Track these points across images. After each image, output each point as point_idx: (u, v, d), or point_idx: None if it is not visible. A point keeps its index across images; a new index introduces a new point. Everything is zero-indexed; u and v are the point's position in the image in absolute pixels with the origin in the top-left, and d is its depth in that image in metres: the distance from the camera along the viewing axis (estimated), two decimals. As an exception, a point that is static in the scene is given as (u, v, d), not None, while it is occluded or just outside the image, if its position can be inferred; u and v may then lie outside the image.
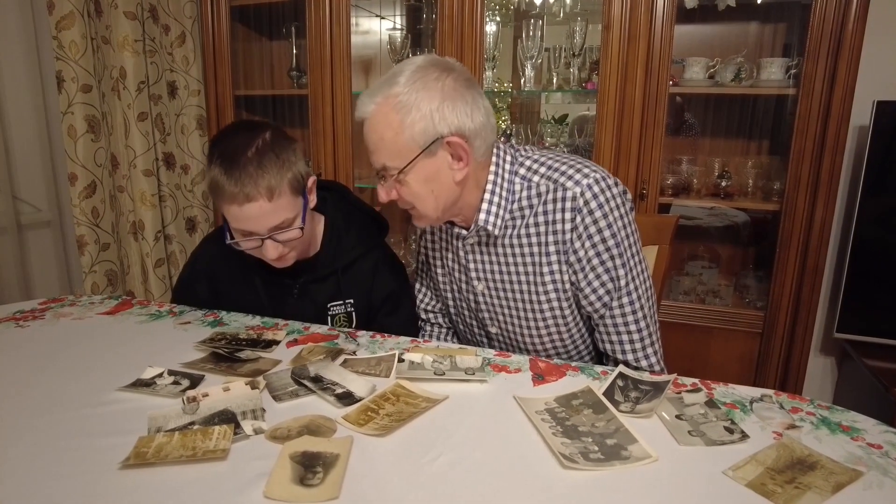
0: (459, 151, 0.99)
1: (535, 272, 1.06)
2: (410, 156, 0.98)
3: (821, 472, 0.69)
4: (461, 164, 1.01)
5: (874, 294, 1.74)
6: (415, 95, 0.95)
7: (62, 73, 2.11)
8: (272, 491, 0.65)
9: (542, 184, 1.03)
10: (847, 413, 0.84)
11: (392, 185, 1.03)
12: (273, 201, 1.05)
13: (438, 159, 0.99)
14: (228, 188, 1.03)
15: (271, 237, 1.08)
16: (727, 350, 1.82)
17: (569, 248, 1.02)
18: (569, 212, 1.00)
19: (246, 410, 0.83)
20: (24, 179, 2.52)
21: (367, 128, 1.00)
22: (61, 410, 0.84)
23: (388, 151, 0.99)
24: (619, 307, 1.03)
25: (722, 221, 2.02)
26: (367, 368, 0.97)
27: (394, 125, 0.96)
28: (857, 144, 1.83)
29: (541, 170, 1.04)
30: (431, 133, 0.97)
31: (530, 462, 0.73)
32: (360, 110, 1.01)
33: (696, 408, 0.85)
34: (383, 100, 0.97)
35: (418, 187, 1.01)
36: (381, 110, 0.97)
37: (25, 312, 1.24)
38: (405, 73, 0.97)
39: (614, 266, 1.01)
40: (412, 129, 0.96)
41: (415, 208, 1.05)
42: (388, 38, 2.06)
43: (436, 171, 1.00)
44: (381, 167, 1.01)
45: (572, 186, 0.99)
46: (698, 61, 1.76)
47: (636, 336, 1.05)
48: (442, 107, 0.96)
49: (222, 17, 2.19)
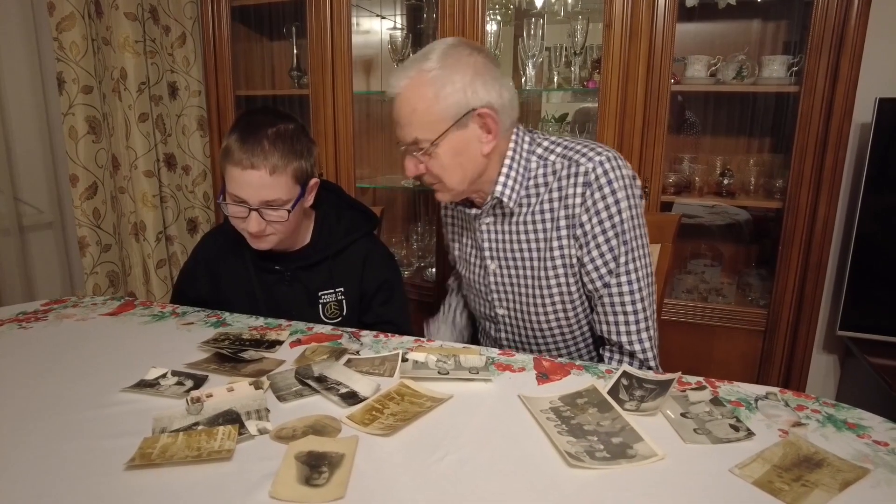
0: (489, 123, 1.03)
1: (546, 247, 1.09)
2: (442, 128, 1.02)
3: (828, 470, 0.69)
4: (490, 137, 1.05)
5: (877, 291, 1.74)
6: (448, 70, 1.00)
7: (63, 74, 2.11)
8: (278, 491, 0.65)
9: (558, 162, 1.07)
10: (853, 410, 0.84)
11: (421, 158, 1.05)
12: (273, 177, 1.11)
13: (469, 132, 1.03)
14: (237, 153, 1.10)
15: (259, 210, 1.14)
16: (730, 348, 1.82)
17: (576, 221, 1.05)
18: (580, 186, 1.04)
19: (250, 411, 0.83)
20: (25, 181, 2.52)
21: (399, 102, 1.03)
22: (65, 412, 0.84)
23: (420, 124, 1.02)
24: (618, 286, 1.06)
25: (724, 219, 2.02)
26: (371, 368, 0.97)
27: (427, 97, 1.00)
28: (860, 141, 1.83)
29: (557, 149, 1.09)
30: (464, 105, 1.01)
31: (536, 461, 0.72)
32: (392, 86, 1.04)
33: (701, 406, 0.85)
34: (416, 74, 1.01)
35: (448, 159, 1.04)
36: (414, 84, 1.01)
37: (28, 314, 1.24)
38: (436, 50, 1.02)
39: (617, 244, 1.04)
40: (446, 101, 1.00)
41: (441, 182, 1.08)
42: (389, 37, 2.06)
43: (465, 144, 1.04)
44: (412, 140, 1.04)
45: (585, 162, 1.04)
46: (700, 59, 1.75)
47: (632, 318, 1.06)
48: (474, 81, 1.01)
49: (223, 17, 2.19)
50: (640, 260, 1.06)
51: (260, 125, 1.13)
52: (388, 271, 1.34)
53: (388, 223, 2.33)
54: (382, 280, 1.33)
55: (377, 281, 1.32)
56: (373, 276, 1.32)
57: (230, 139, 1.13)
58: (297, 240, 1.31)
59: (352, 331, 1.15)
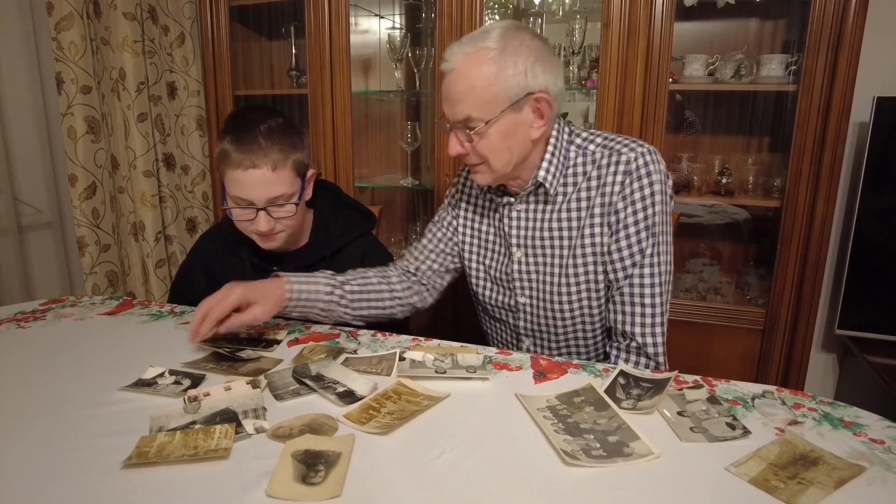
0: (543, 108, 1.03)
1: (578, 235, 1.09)
2: (498, 109, 1.00)
3: (823, 468, 0.69)
4: (541, 122, 1.04)
5: (875, 290, 1.74)
6: (512, 51, 0.98)
7: (62, 74, 2.11)
8: (274, 490, 0.65)
9: (598, 151, 1.08)
10: (849, 409, 0.84)
11: (471, 138, 1.03)
12: (276, 172, 1.12)
13: (522, 115, 1.03)
14: (235, 155, 1.11)
15: (266, 209, 1.15)
16: (729, 347, 1.82)
17: (612, 209, 1.06)
18: (621, 174, 1.05)
19: (247, 409, 0.83)
20: (24, 181, 2.52)
21: (455, 77, 1.01)
22: (63, 411, 0.84)
23: (475, 102, 1.00)
24: (640, 276, 1.06)
25: (723, 219, 2.02)
26: (368, 367, 0.97)
27: (487, 76, 0.98)
28: (858, 140, 1.83)
29: (597, 139, 1.10)
30: (522, 88, 1.00)
31: (533, 459, 0.73)
32: (448, 61, 1.02)
33: (697, 404, 0.85)
34: (476, 51, 0.99)
35: (498, 141, 1.03)
36: (474, 60, 0.99)
37: (27, 314, 1.24)
38: (496, 29, 1.01)
39: (646, 236, 1.05)
40: (506, 82, 0.99)
41: (484, 163, 1.06)
42: (388, 37, 2.06)
43: (516, 127, 1.03)
44: (465, 118, 1.02)
45: (628, 152, 1.05)
46: (698, 58, 1.75)
47: (648, 311, 1.06)
48: (535, 65, 1.00)
49: (221, 17, 2.19)
50: (664, 255, 1.07)
51: (251, 123, 1.13)
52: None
53: (386, 223, 2.33)
54: None
55: None
56: None
57: (224, 142, 1.13)
58: (296, 239, 1.31)
59: (349, 330, 1.15)
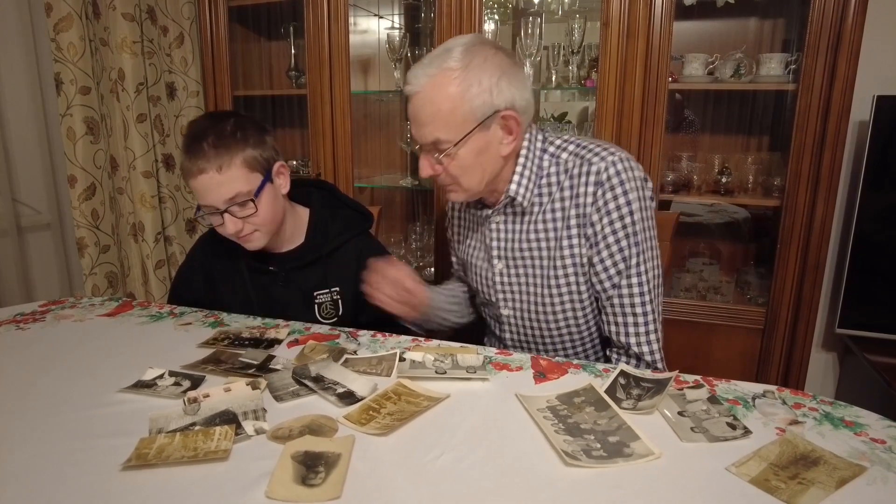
0: (511, 125, 1.03)
1: (556, 246, 1.08)
2: (467, 129, 1.00)
3: (824, 468, 0.69)
4: (511, 138, 1.04)
5: (876, 289, 1.74)
6: (476, 69, 0.98)
7: (60, 75, 2.11)
8: (274, 491, 0.65)
9: (570, 160, 1.07)
10: (850, 408, 0.84)
11: (440, 159, 1.03)
12: (222, 173, 1.13)
13: (491, 133, 1.02)
14: (186, 164, 1.14)
15: (228, 211, 1.15)
16: (729, 347, 1.81)
17: (587, 220, 1.05)
18: (592, 185, 1.03)
19: (247, 411, 0.83)
20: (23, 182, 2.52)
21: (420, 100, 1.01)
22: (62, 412, 0.84)
23: (443, 124, 1.00)
24: (628, 287, 1.05)
25: (723, 218, 2.02)
26: (368, 368, 0.97)
27: (453, 98, 0.98)
28: (858, 140, 1.83)
29: (569, 147, 1.09)
30: (489, 106, 0.99)
31: (533, 460, 0.72)
32: (411, 84, 1.01)
33: (698, 404, 0.85)
34: (439, 72, 0.98)
35: (469, 160, 1.03)
36: (438, 83, 0.98)
37: (26, 315, 1.24)
38: (458, 48, 1.00)
39: (627, 245, 1.03)
40: (472, 102, 0.98)
41: (457, 182, 1.06)
42: (387, 37, 2.06)
43: (486, 145, 1.03)
44: (433, 140, 1.02)
45: (598, 161, 1.03)
46: (697, 57, 1.75)
47: (640, 319, 1.06)
48: (500, 81, 0.99)
49: (220, 17, 2.18)
50: (649, 262, 1.06)
51: (199, 131, 1.15)
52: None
53: (386, 223, 2.33)
54: None
55: None
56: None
57: (180, 151, 1.18)
58: (291, 239, 1.31)
59: (349, 330, 1.15)
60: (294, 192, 1.30)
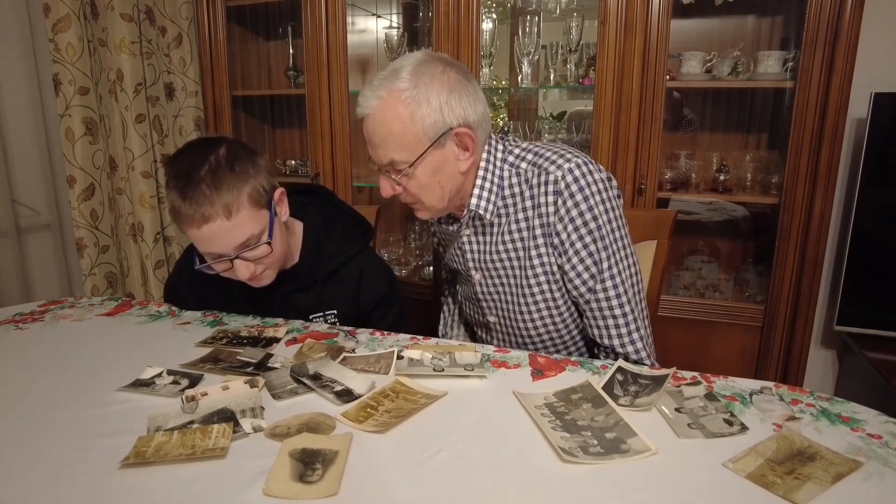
0: (466, 141, 1.02)
1: (525, 256, 1.07)
2: (420, 149, 0.99)
3: (820, 463, 0.69)
4: (467, 154, 1.03)
5: (874, 286, 1.74)
6: (424, 88, 0.97)
7: (59, 75, 2.11)
8: (272, 488, 0.65)
9: (529, 170, 1.05)
10: (847, 404, 0.84)
11: (398, 180, 1.03)
12: (232, 219, 1.01)
13: (446, 150, 1.01)
14: (184, 210, 1.00)
15: (239, 256, 1.05)
16: (728, 344, 1.82)
17: (552, 230, 1.03)
18: (551, 195, 1.02)
19: (245, 409, 0.83)
20: (22, 182, 2.52)
21: (372, 123, 1.00)
22: (61, 411, 0.84)
23: (396, 145, 0.99)
24: (603, 290, 1.04)
25: (721, 216, 2.02)
26: (366, 366, 0.97)
27: (403, 119, 0.97)
28: (856, 137, 1.83)
29: (528, 156, 1.07)
30: (441, 125, 0.98)
31: (530, 456, 0.73)
32: (362, 106, 1.00)
33: (695, 401, 0.85)
34: (388, 94, 0.97)
35: (426, 179, 1.02)
36: (388, 104, 0.97)
37: (25, 315, 1.24)
38: (406, 67, 0.98)
39: (596, 249, 1.02)
40: (423, 122, 0.97)
41: (420, 201, 1.06)
42: (385, 36, 2.06)
43: (443, 162, 1.02)
44: (388, 162, 1.01)
45: (554, 170, 1.01)
46: (695, 55, 1.75)
47: (621, 321, 1.05)
48: (450, 99, 0.98)
49: (219, 17, 2.19)
50: (622, 262, 1.04)
51: (192, 168, 1.01)
52: (384, 286, 1.27)
53: (385, 222, 2.34)
54: (379, 298, 1.26)
55: (374, 298, 1.25)
56: (369, 294, 1.25)
57: (171, 196, 1.02)
58: (288, 259, 1.21)
59: (348, 329, 1.15)
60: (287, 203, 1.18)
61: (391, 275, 1.32)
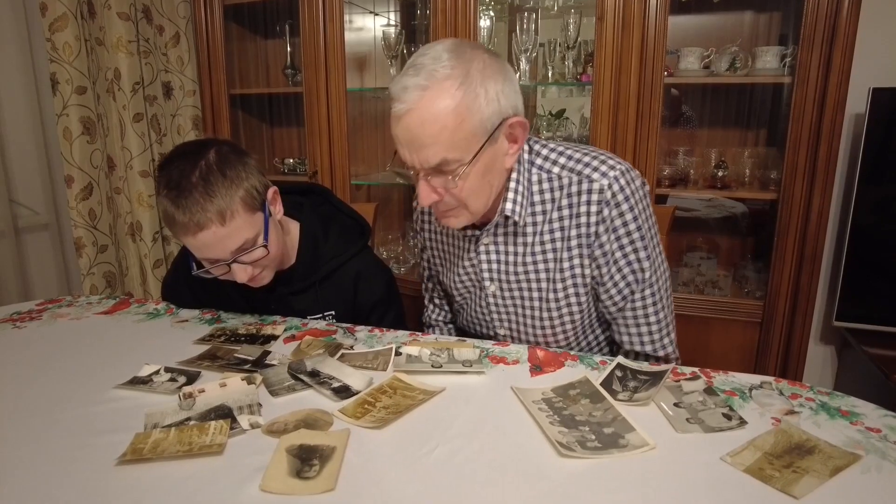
0: (517, 132, 0.92)
1: (555, 268, 1.02)
2: (478, 144, 0.87)
3: (819, 457, 0.69)
4: (515, 147, 0.94)
5: (873, 282, 1.74)
6: (478, 76, 0.85)
7: (56, 75, 2.11)
8: (268, 484, 0.65)
9: (564, 176, 0.98)
10: (847, 398, 0.84)
11: (447, 182, 0.89)
12: (227, 225, 1.00)
13: (498, 145, 0.91)
14: (179, 218, 0.98)
15: (237, 260, 1.04)
16: (727, 340, 1.82)
17: (593, 241, 0.98)
18: (595, 204, 0.96)
19: (242, 405, 0.83)
20: (20, 182, 2.51)
21: (416, 119, 0.85)
22: (58, 410, 0.84)
23: (450, 142, 0.86)
24: (641, 299, 1.02)
25: (720, 212, 2.02)
26: (364, 362, 0.97)
27: (459, 111, 0.84)
28: (854, 132, 1.82)
29: (560, 160, 0.99)
30: (497, 116, 0.88)
31: (527, 451, 0.72)
32: (402, 101, 0.85)
33: (694, 395, 0.85)
34: (434, 84, 0.84)
35: (477, 180, 0.90)
36: (436, 96, 0.84)
37: (23, 314, 1.24)
38: (444, 53, 0.86)
39: (638, 259, 0.99)
40: (481, 113, 0.86)
41: (463, 206, 0.94)
42: (383, 34, 2.06)
43: (493, 159, 0.91)
44: (440, 162, 0.87)
45: (599, 178, 0.95)
46: (693, 51, 1.75)
47: (655, 328, 1.04)
48: (505, 86, 0.88)
49: (216, 16, 2.19)
50: (659, 269, 1.02)
51: (183, 175, 0.99)
52: (381, 288, 1.27)
53: (383, 220, 2.33)
54: (377, 299, 1.26)
55: (371, 299, 1.25)
56: (366, 296, 1.25)
57: (163, 203, 1.01)
58: (283, 260, 1.20)
59: (347, 326, 1.15)
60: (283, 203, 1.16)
61: (389, 276, 1.31)
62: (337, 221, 1.28)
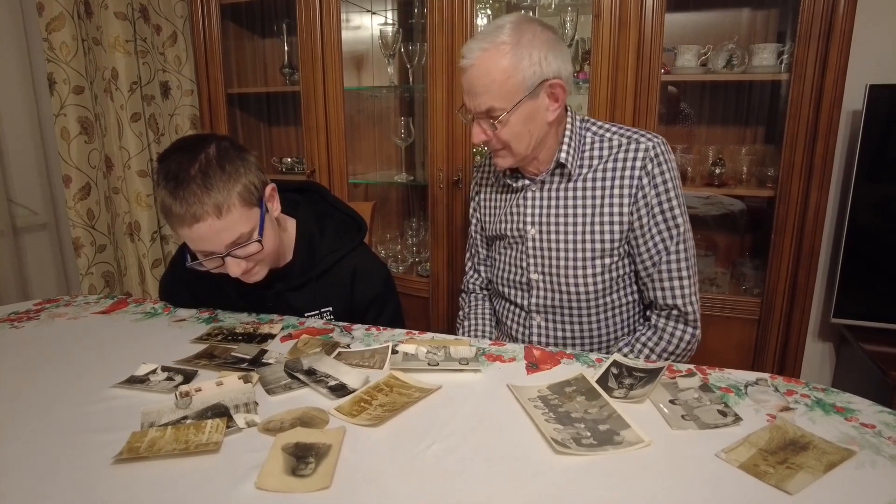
0: (558, 92, 1.13)
1: (597, 212, 1.17)
2: (518, 97, 1.09)
3: (813, 453, 0.69)
4: (556, 105, 1.14)
5: (870, 278, 1.74)
6: (527, 44, 1.07)
7: (53, 75, 2.11)
8: (264, 482, 0.65)
9: (615, 139, 1.18)
10: (842, 395, 0.84)
11: (492, 126, 1.12)
12: (223, 218, 1.01)
13: (539, 101, 1.12)
14: (175, 210, 0.99)
15: (231, 254, 1.05)
16: (725, 338, 1.82)
17: (636, 190, 1.14)
18: (640, 160, 1.14)
19: (239, 404, 0.83)
20: (18, 182, 2.52)
21: (475, 72, 1.09)
22: (56, 409, 0.84)
23: (497, 93, 1.09)
24: (676, 252, 1.15)
25: (718, 209, 2.02)
26: (360, 361, 0.97)
27: (506, 69, 1.07)
28: (851, 129, 1.82)
29: (612, 128, 1.21)
30: (538, 76, 1.09)
31: (523, 448, 0.73)
32: (466, 57, 1.10)
33: (690, 392, 0.85)
34: (492, 47, 1.07)
35: (519, 127, 1.12)
36: (492, 56, 1.07)
37: (20, 313, 1.24)
38: (508, 24, 1.09)
39: (673, 215, 1.14)
40: (523, 73, 1.07)
41: (506, 148, 1.16)
42: (380, 32, 2.05)
43: (534, 112, 1.12)
44: (487, 108, 1.11)
45: (645, 142, 1.15)
46: (690, 49, 1.75)
47: (686, 282, 1.17)
48: (548, 54, 1.09)
49: (213, 15, 2.18)
50: (689, 231, 1.18)
51: (181, 167, 1.00)
52: (378, 284, 1.27)
53: (381, 219, 2.33)
54: (374, 295, 1.26)
55: (368, 296, 1.26)
56: (363, 292, 1.25)
57: (161, 195, 1.02)
58: (280, 257, 1.20)
59: (343, 325, 1.15)
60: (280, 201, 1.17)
61: (386, 272, 1.31)
62: (333, 218, 1.29)
